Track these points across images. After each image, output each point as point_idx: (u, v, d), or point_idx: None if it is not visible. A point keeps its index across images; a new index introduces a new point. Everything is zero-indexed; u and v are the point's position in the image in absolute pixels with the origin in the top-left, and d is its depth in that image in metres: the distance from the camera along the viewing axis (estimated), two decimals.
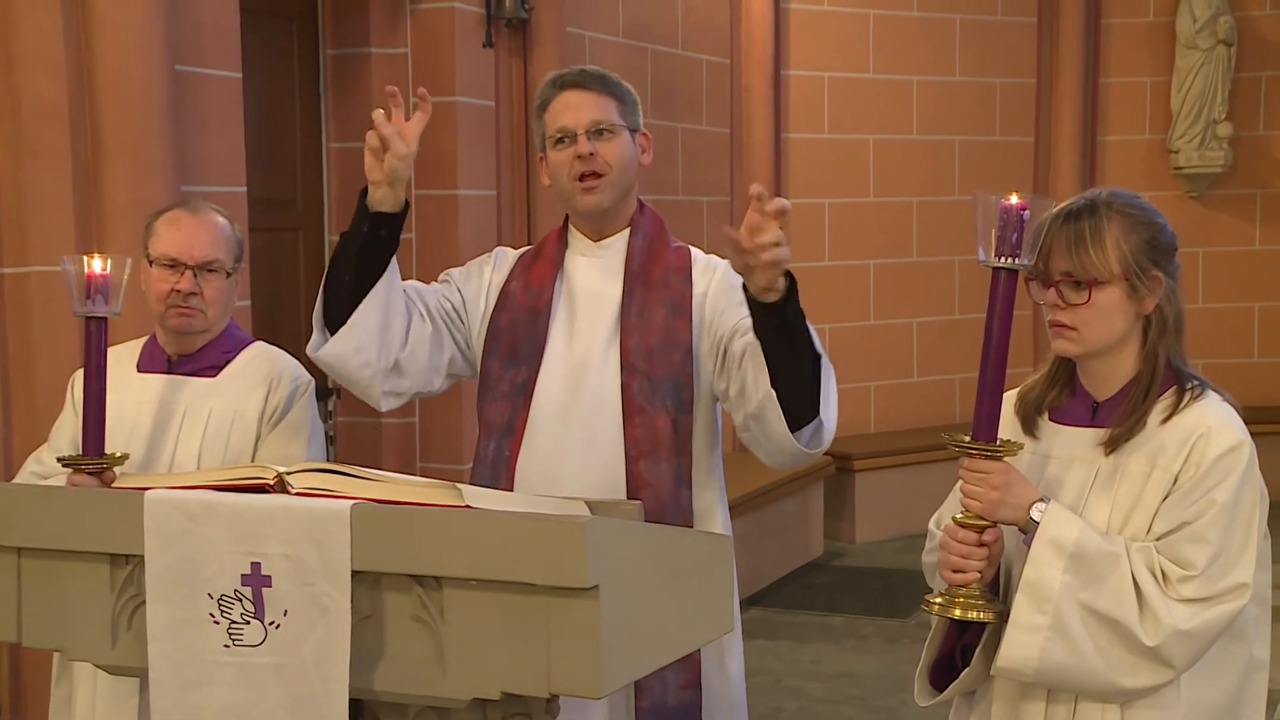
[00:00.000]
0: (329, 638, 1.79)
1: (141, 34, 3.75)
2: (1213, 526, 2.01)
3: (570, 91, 2.59)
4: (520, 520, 1.74)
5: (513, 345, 2.61)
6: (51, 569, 1.95)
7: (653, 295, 2.59)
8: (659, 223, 2.71)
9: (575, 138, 2.56)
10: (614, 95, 2.61)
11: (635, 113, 2.64)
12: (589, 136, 2.56)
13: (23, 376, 3.68)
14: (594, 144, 2.56)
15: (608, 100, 2.59)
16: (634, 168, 2.64)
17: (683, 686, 2.52)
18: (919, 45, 7.93)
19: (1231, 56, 8.26)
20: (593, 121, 2.57)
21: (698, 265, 2.66)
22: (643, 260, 2.63)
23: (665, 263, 2.63)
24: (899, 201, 7.96)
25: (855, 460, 7.46)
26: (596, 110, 2.57)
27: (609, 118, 2.58)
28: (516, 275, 2.68)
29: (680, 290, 2.60)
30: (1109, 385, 2.13)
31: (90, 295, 2.51)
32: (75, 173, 3.70)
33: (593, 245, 2.66)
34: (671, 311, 2.58)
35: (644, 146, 2.67)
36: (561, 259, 2.67)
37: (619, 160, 2.58)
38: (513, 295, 2.66)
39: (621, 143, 2.59)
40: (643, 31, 6.48)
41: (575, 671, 1.71)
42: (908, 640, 5.74)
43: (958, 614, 2.05)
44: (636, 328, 2.57)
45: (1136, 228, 2.08)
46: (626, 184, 2.63)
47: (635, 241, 2.64)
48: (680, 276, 2.62)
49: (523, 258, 2.73)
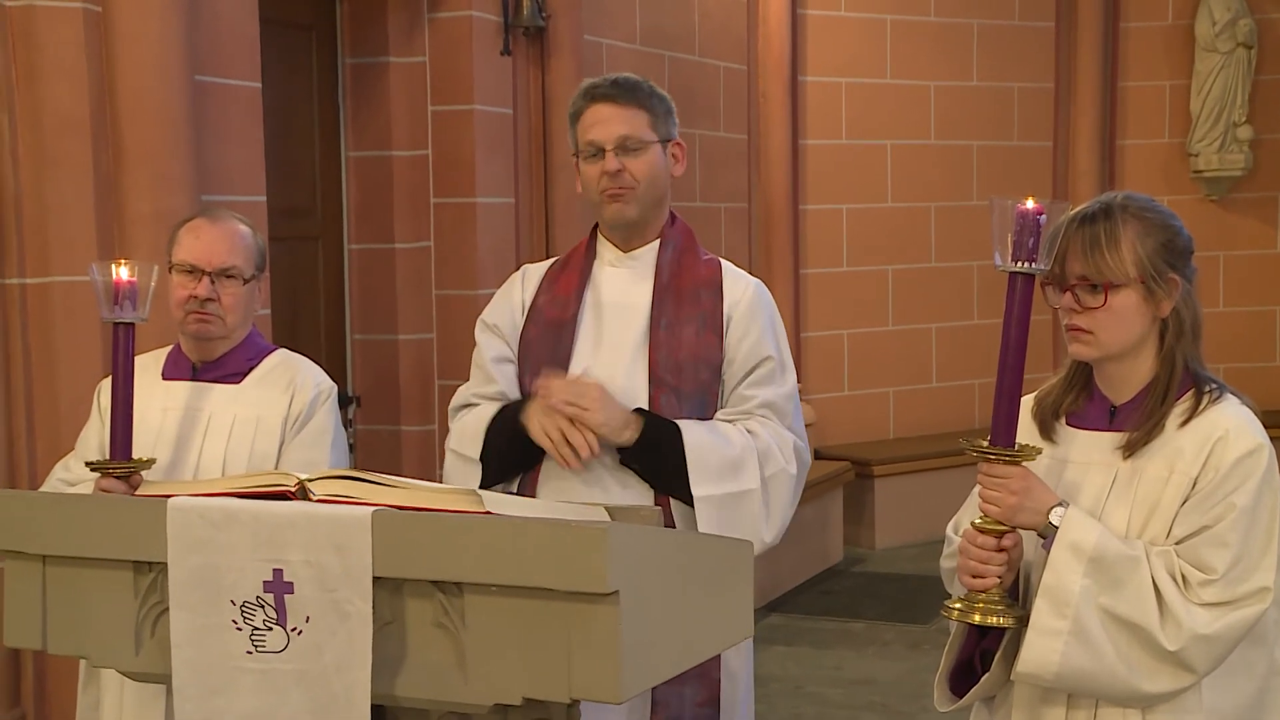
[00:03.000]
0: (350, 644, 1.80)
1: (162, 45, 3.77)
2: (1233, 530, 2.00)
3: (600, 105, 2.61)
4: (541, 526, 1.75)
5: (541, 359, 2.62)
6: (75, 576, 1.96)
7: (683, 309, 2.60)
8: (689, 235, 2.71)
9: (604, 153, 2.57)
10: (645, 107, 2.62)
11: (668, 122, 2.65)
12: (617, 152, 2.57)
13: (45, 385, 3.70)
14: (622, 159, 2.57)
15: (638, 113, 2.60)
16: (664, 180, 2.64)
17: (700, 704, 2.52)
18: (936, 50, 7.92)
19: (1251, 59, 8.22)
20: (621, 137, 2.58)
21: (728, 279, 2.66)
22: (672, 272, 2.63)
23: (696, 276, 2.64)
24: (917, 207, 7.95)
25: (874, 466, 7.44)
26: (625, 125, 2.58)
27: (638, 132, 2.59)
28: (544, 289, 2.70)
29: (711, 306, 2.61)
30: (1126, 389, 2.12)
31: (118, 301, 2.55)
32: (96, 183, 3.73)
33: (622, 255, 2.67)
34: (702, 326, 2.59)
35: (676, 156, 2.67)
36: (589, 269, 2.68)
37: (647, 175, 2.59)
38: (540, 309, 2.67)
39: (650, 157, 2.60)
40: (660, 38, 6.49)
41: (596, 677, 1.71)
42: (928, 646, 5.72)
43: (977, 619, 2.04)
44: (665, 341, 2.57)
45: (1152, 231, 2.07)
46: (655, 196, 2.63)
47: (665, 253, 2.65)
48: (711, 291, 2.63)
49: (550, 270, 2.73)
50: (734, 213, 7.23)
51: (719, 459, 2.49)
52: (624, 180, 2.58)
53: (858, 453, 7.52)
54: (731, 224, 7.21)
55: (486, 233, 5.25)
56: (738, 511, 2.49)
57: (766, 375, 2.62)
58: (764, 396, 2.61)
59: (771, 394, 2.62)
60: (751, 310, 2.63)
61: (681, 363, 2.56)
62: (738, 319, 2.61)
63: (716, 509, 2.47)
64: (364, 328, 5.29)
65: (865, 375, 7.89)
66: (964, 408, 7.96)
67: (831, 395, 7.78)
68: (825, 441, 7.64)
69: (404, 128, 5.22)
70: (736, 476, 2.49)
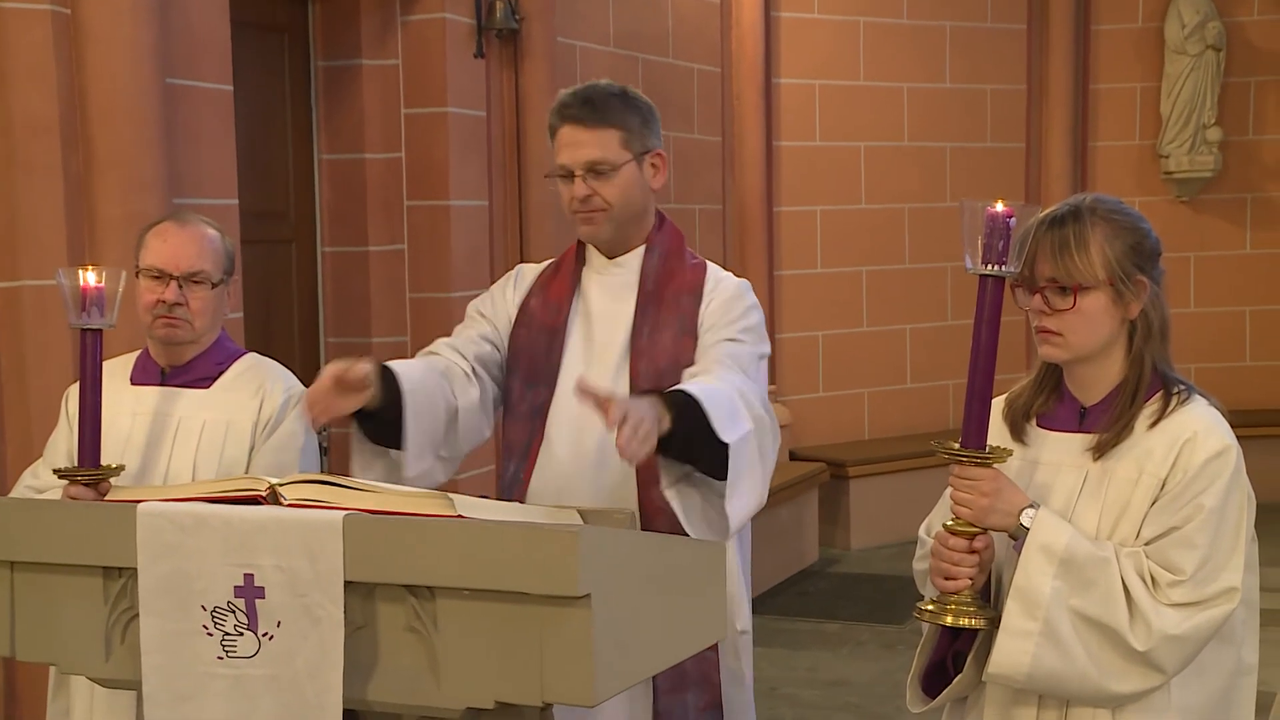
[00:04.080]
0: (322, 649, 1.79)
1: (132, 47, 3.75)
2: (1201, 531, 2.02)
3: (570, 127, 2.55)
4: (512, 530, 1.74)
5: (531, 364, 2.60)
6: (44, 583, 1.95)
7: (664, 316, 2.57)
8: (678, 239, 2.67)
9: (574, 176, 2.54)
10: (617, 124, 2.55)
11: (644, 134, 2.58)
12: (586, 177, 2.53)
13: (15, 390, 3.67)
14: (592, 184, 2.53)
15: (608, 133, 2.54)
16: (640, 197, 2.59)
17: (703, 709, 2.51)
18: (909, 52, 7.95)
19: (1220, 61, 8.29)
20: (589, 162, 2.53)
21: (709, 283, 2.61)
22: (657, 279, 2.60)
23: (679, 281, 2.61)
24: (891, 208, 7.98)
25: (850, 467, 7.46)
26: (594, 149, 2.53)
27: (608, 156, 2.53)
28: (536, 291, 2.68)
29: (689, 310, 2.58)
30: (1096, 390, 2.14)
31: (85, 307, 2.52)
32: (67, 187, 3.70)
33: (607, 263, 2.64)
34: (680, 332, 2.56)
35: (656, 166, 2.61)
36: (579, 275, 2.66)
37: (619, 197, 2.55)
38: (532, 312, 2.65)
39: (621, 179, 2.54)
40: (634, 41, 6.50)
41: (569, 680, 1.71)
42: (904, 646, 5.74)
43: (949, 621, 2.05)
44: (646, 350, 2.55)
45: (1121, 233, 2.09)
46: (631, 214, 2.59)
47: (650, 260, 2.62)
48: (691, 296, 2.59)
49: (543, 273, 2.71)
50: (708, 214, 7.24)
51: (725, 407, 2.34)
52: (594, 204, 2.54)
53: (833, 454, 7.54)
54: (706, 226, 7.22)
55: (460, 236, 5.25)
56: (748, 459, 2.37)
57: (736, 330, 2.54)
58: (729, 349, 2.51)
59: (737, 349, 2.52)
60: (725, 304, 2.58)
61: (662, 370, 2.52)
62: (709, 315, 2.57)
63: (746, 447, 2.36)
64: (337, 331, 5.27)
65: (840, 376, 7.91)
66: (939, 408, 8.00)
67: (807, 396, 7.80)
68: (801, 443, 7.66)
69: (377, 130, 5.21)
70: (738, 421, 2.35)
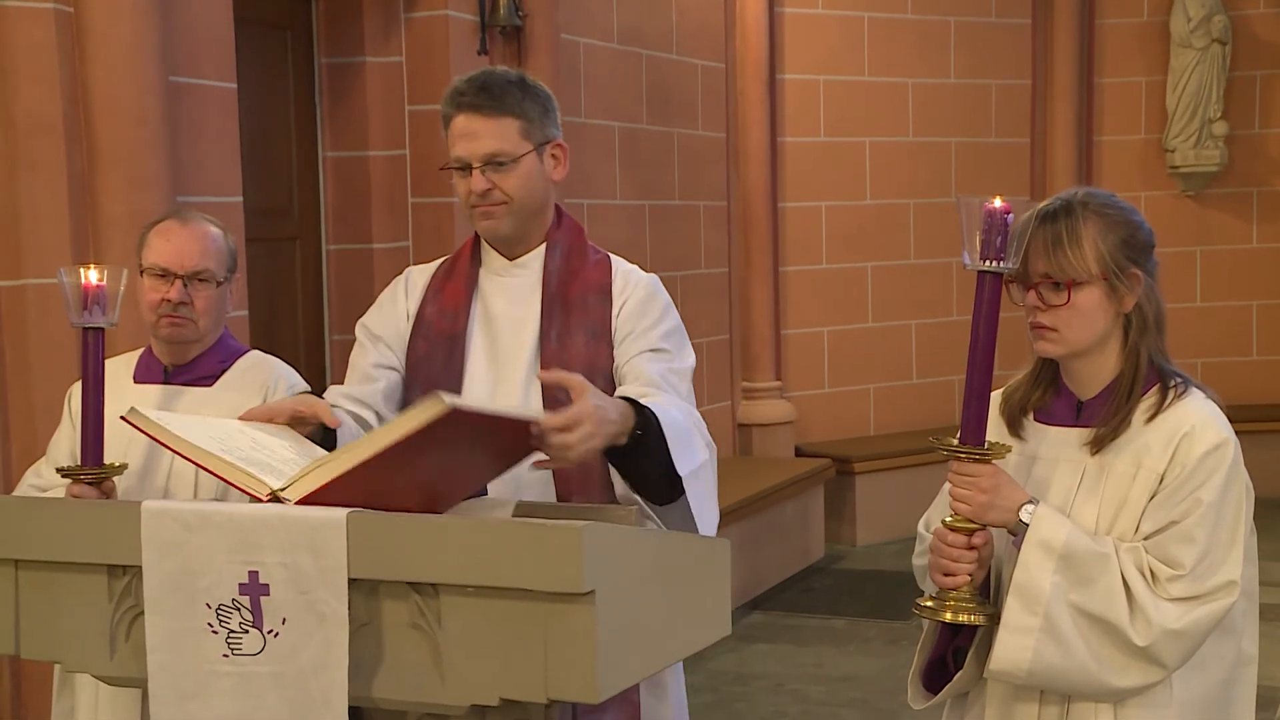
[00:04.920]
0: (327, 646, 1.79)
1: (135, 46, 3.76)
2: (1200, 526, 2.02)
3: (466, 116, 2.40)
4: (516, 527, 1.75)
5: (430, 377, 2.44)
6: (49, 581, 1.95)
7: (572, 319, 2.44)
8: (577, 234, 2.54)
9: (471, 169, 2.40)
10: (515, 113, 2.41)
11: (544, 123, 2.45)
12: (485, 170, 2.39)
13: (20, 389, 3.68)
14: (491, 176, 2.39)
15: (507, 122, 2.40)
16: (541, 190, 2.46)
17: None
18: (913, 48, 7.94)
19: (1226, 55, 8.27)
20: (488, 154, 2.39)
21: (616, 282, 2.49)
22: (560, 280, 2.47)
23: (584, 281, 2.47)
24: (895, 204, 7.97)
25: (855, 463, 7.46)
26: (493, 140, 2.39)
27: (506, 147, 2.39)
28: (430, 298, 2.53)
29: (599, 313, 2.45)
30: (1092, 385, 2.14)
31: (87, 306, 2.52)
32: (70, 185, 3.71)
33: (508, 264, 2.51)
34: (591, 337, 2.43)
35: (557, 157, 2.47)
36: (475, 277, 2.52)
37: (519, 190, 2.42)
38: (428, 321, 2.50)
39: (521, 171, 2.41)
40: (637, 37, 6.49)
41: (572, 677, 1.71)
42: (909, 642, 5.73)
43: (949, 617, 2.06)
44: (556, 356, 2.41)
45: (1113, 227, 2.08)
46: (532, 208, 2.46)
47: (552, 259, 2.49)
48: (599, 296, 2.46)
49: (435, 276, 2.57)
50: (713, 211, 7.24)
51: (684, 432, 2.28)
52: (494, 197, 2.41)
53: (838, 450, 7.53)
54: (710, 222, 7.21)
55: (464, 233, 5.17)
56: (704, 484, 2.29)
57: (657, 337, 2.44)
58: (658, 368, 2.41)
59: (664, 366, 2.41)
60: (640, 306, 2.47)
61: None
62: (623, 318, 2.46)
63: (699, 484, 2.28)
64: (342, 328, 5.27)
65: (845, 372, 7.91)
66: (944, 404, 7.98)
67: (812, 392, 7.79)
68: (806, 438, 7.65)
69: (381, 128, 5.21)
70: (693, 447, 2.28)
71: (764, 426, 7.52)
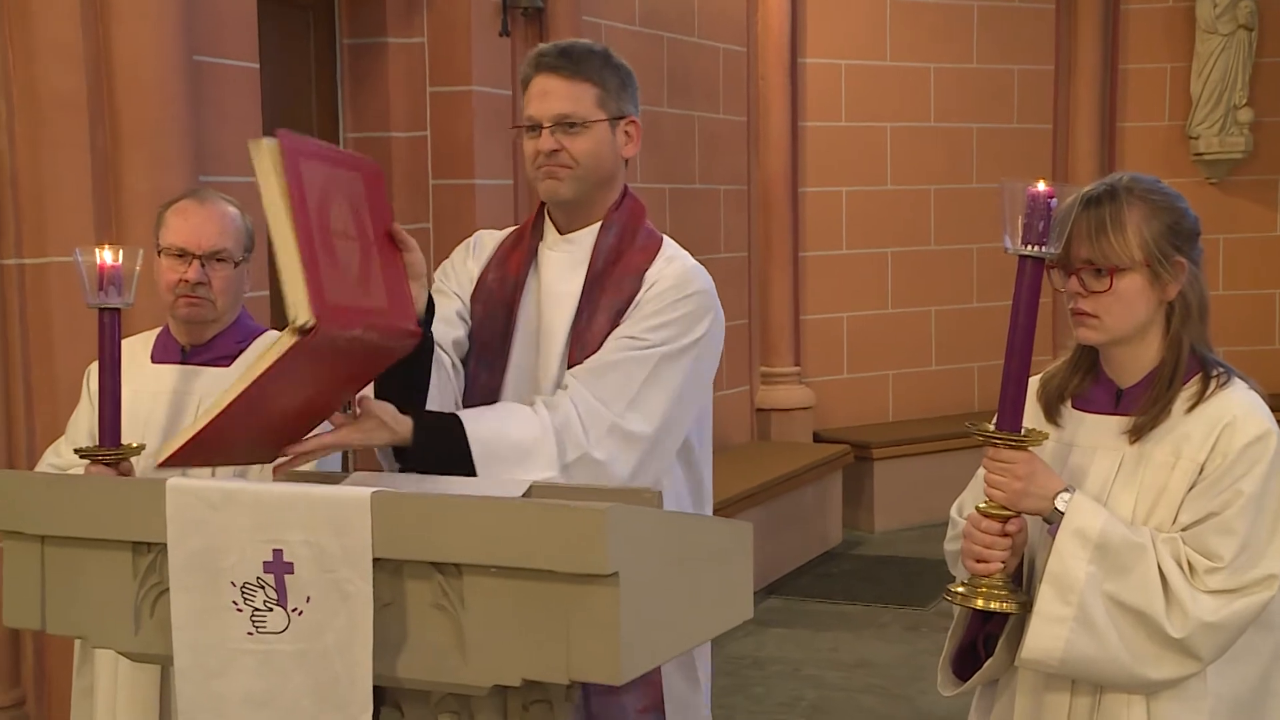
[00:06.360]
0: (351, 625, 1.80)
1: (159, 25, 3.76)
2: (1240, 517, 1.99)
3: (544, 76, 2.38)
4: (540, 508, 1.74)
5: (484, 343, 2.45)
6: (74, 557, 1.96)
7: (604, 299, 2.39)
8: (636, 216, 2.48)
9: (541, 129, 2.38)
10: (594, 80, 2.38)
11: (621, 98, 2.41)
12: (554, 130, 2.36)
13: (43, 366, 3.70)
14: (560, 138, 2.36)
15: (583, 87, 2.37)
16: (609, 161, 2.41)
17: (643, 710, 2.34)
18: (936, 32, 7.90)
19: (1252, 41, 8.20)
20: (559, 115, 2.36)
21: (656, 265, 2.42)
22: (608, 259, 2.41)
23: (626, 262, 2.41)
24: (916, 190, 7.94)
25: (874, 449, 7.45)
26: (566, 102, 2.36)
27: (581, 110, 2.36)
28: (494, 264, 2.51)
29: (628, 293, 2.39)
30: (1133, 373, 2.11)
31: (103, 286, 2.52)
32: (94, 164, 3.72)
33: (559, 239, 2.47)
34: (614, 316, 2.38)
35: (630, 134, 2.43)
36: (535, 249, 2.49)
37: (587, 155, 2.38)
38: (490, 287, 2.49)
39: (592, 137, 2.37)
40: (659, 20, 6.47)
41: (595, 658, 1.71)
42: (926, 629, 5.73)
43: (980, 604, 2.04)
44: (582, 336, 2.37)
45: (1158, 213, 2.06)
46: (598, 178, 2.41)
47: (605, 238, 2.43)
48: (634, 277, 2.40)
49: (503, 244, 2.55)
50: (733, 195, 7.22)
51: (509, 448, 2.22)
52: (560, 159, 2.37)
53: (857, 435, 7.52)
54: (730, 206, 7.19)
55: (485, 214, 5.24)
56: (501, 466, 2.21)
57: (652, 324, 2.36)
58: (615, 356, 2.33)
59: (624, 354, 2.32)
60: (660, 294, 2.39)
61: None
62: (641, 303, 2.38)
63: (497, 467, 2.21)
64: None
65: (864, 358, 7.89)
66: (963, 390, 7.96)
67: (831, 378, 7.78)
68: (824, 424, 7.64)
69: (402, 109, 5.20)
70: (524, 466, 2.21)
71: (783, 412, 7.51)
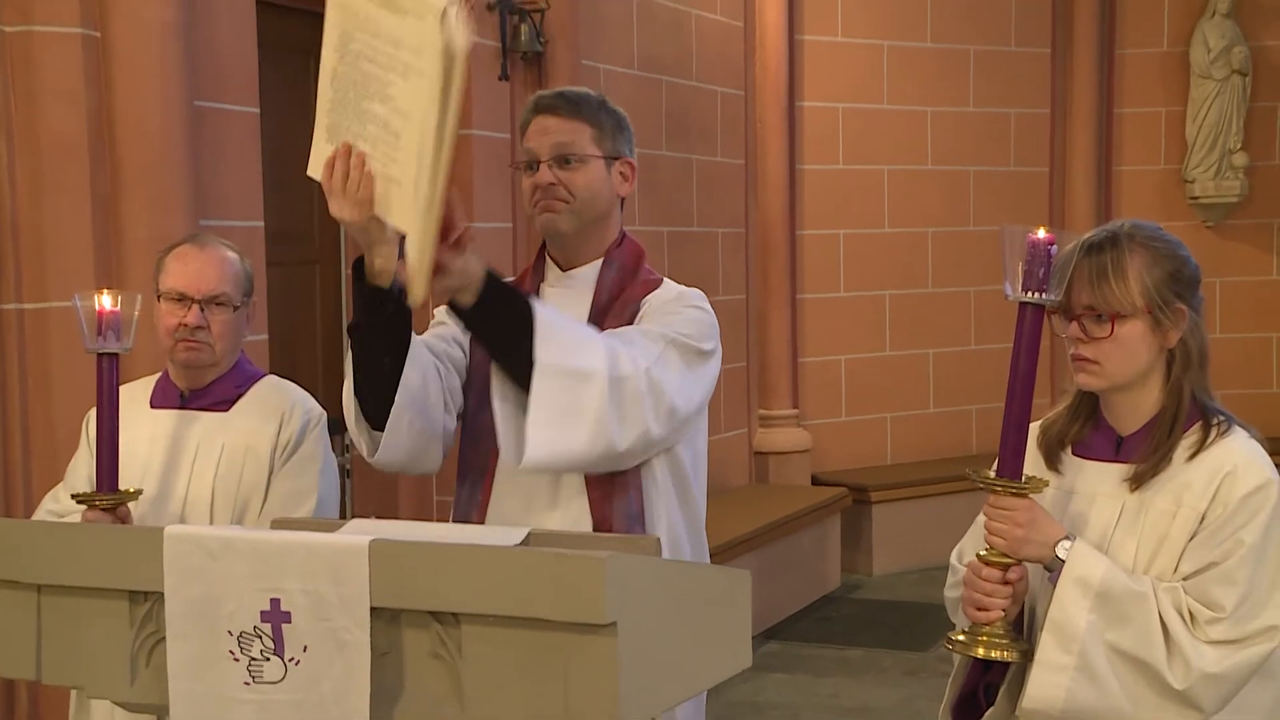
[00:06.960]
0: (348, 674, 1.79)
1: (160, 70, 3.78)
2: (1241, 567, 1.98)
3: (543, 116, 2.45)
4: (538, 556, 1.73)
5: (486, 380, 2.43)
6: (71, 606, 1.94)
7: (609, 329, 2.40)
8: (636, 256, 2.53)
9: (539, 164, 2.43)
10: (590, 121, 2.45)
11: (617, 139, 2.48)
12: (552, 164, 2.42)
13: (42, 412, 3.69)
14: (558, 172, 2.42)
15: (580, 126, 2.44)
16: (605, 198, 2.47)
17: None
18: (933, 76, 7.95)
19: (1246, 86, 8.26)
20: (557, 146, 2.42)
21: (655, 295, 2.47)
22: (611, 294, 2.46)
23: (629, 295, 2.47)
24: (914, 232, 7.97)
25: (872, 492, 7.43)
26: (564, 135, 2.43)
27: (578, 145, 2.43)
28: None
29: (631, 318, 2.43)
30: (1133, 420, 2.11)
31: (101, 331, 2.52)
32: (95, 208, 3.73)
33: (561, 275, 2.52)
34: None
35: (625, 175, 2.49)
36: (537, 289, 2.53)
37: (584, 189, 2.43)
38: None
39: (588, 172, 2.43)
40: (657, 64, 6.51)
41: (594, 708, 1.70)
42: (926, 673, 5.70)
43: (981, 652, 2.03)
44: None
45: (1160, 260, 2.06)
46: (595, 213, 2.46)
47: (607, 273, 2.48)
48: (634, 308, 2.45)
49: None
50: (731, 237, 7.24)
51: (570, 335, 2.24)
52: (557, 193, 2.42)
53: (855, 478, 7.51)
54: (728, 249, 7.21)
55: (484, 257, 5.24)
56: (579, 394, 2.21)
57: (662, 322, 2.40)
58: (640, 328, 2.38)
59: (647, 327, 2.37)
60: (661, 305, 2.43)
61: None
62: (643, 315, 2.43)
63: (558, 382, 2.19)
64: None
65: (863, 401, 7.89)
66: (962, 433, 7.96)
67: (829, 421, 7.77)
68: (823, 467, 7.63)
69: None
70: (581, 353, 2.21)
71: (780, 454, 7.50)
